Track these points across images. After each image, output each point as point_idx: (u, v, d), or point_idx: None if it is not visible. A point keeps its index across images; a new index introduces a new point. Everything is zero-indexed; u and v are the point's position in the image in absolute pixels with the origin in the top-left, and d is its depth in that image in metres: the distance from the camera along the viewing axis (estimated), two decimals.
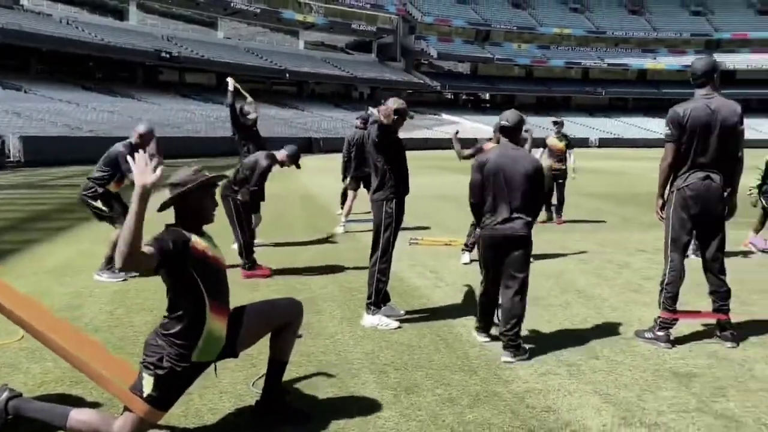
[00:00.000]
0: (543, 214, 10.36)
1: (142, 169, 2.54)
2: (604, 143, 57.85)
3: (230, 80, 7.55)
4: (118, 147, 6.20)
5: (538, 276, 6.52)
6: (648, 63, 74.17)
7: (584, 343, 4.44)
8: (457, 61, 74.46)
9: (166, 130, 36.83)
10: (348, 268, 6.69)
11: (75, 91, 43.18)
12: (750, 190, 7.93)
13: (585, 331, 4.71)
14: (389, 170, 4.70)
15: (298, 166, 6.70)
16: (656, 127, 66.53)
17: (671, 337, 4.44)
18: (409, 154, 5.06)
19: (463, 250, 7.23)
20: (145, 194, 2.52)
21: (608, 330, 4.76)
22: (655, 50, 74.68)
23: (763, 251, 7.90)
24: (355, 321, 4.84)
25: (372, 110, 4.85)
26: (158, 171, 2.55)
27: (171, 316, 2.79)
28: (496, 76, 74.58)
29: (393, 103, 4.75)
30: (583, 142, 57.51)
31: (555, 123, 10.49)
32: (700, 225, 4.45)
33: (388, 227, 4.69)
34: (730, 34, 74.02)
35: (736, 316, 4.98)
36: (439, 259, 7.38)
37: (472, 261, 6.83)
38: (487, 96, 78.23)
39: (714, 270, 4.49)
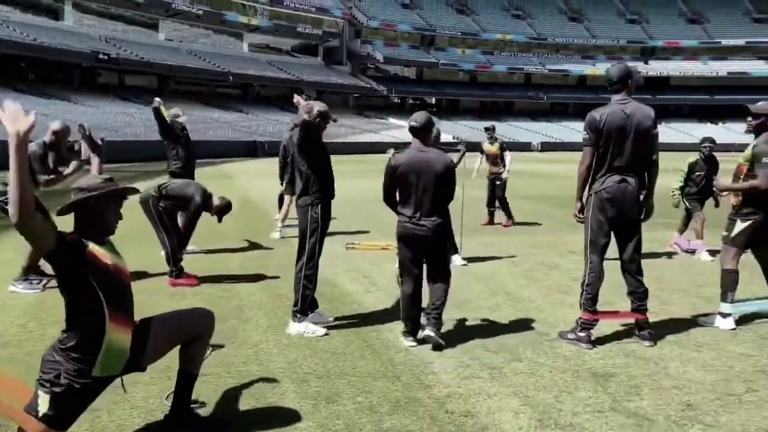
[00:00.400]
0: (485, 217, 10.52)
1: (13, 115, 2.37)
2: (546, 147, 59.23)
3: None
4: (32, 146, 5.93)
5: (470, 279, 6.60)
6: (587, 69, 76.31)
7: (509, 345, 4.49)
8: (403, 65, 74.96)
9: (105, 133, 35.71)
10: (279, 275, 6.57)
11: (5, 92, 41.38)
12: (673, 191, 8.23)
13: (511, 334, 4.76)
14: (313, 174, 4.65)
15: (219, 220, 6.58)
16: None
17: (592, 338, 4.54)
18: (356, 157, 5.08)
19: None
20: (21, 144, 2.37)
21: (533, 332, 4.83)
22: (594, 57, 76.95)
23: (686, 252, 8.20)
24: (281, 329, 4.75)
25: (297, 98, 4.74)
26: (31, 116, 2.39)
27: (68, 330, 2.66)
28: (441, 80, 75.44)
29: (316, 106, 4.71)
30: (526, 146, 58.81)
31: (486, 129, 10.75)
32: (617, 227, 4.57)
33: (313, 232, 4.63)
34: (663, 42, 77.05)
35: (655, 316, 5.15)
36: (375, 263, 7.36)
37: None
38: (433, 100, 79.03)
39: (631, 271, 4.61)
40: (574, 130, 64.56)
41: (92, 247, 2.65)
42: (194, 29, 65.44)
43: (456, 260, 7.37)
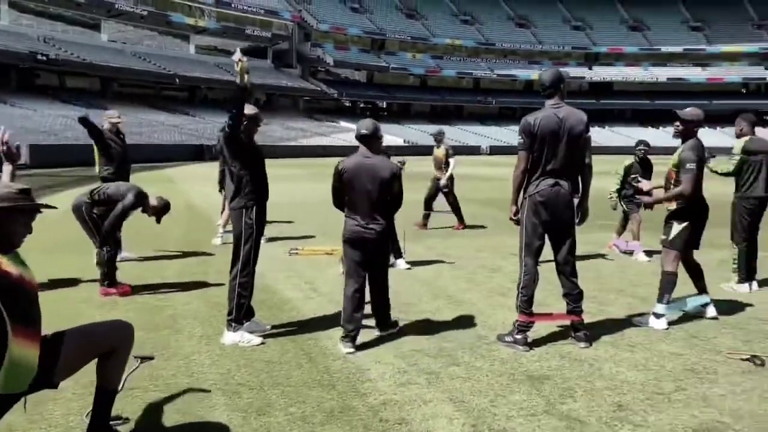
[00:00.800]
0: (421, 219, 10.55)
1: None
2: (495, 150, 60.12)
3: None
4: None
5: (412, 282, 6.58)
6: (534, 74, 77.85)
7: (448, 349, 4.47)
8: (354, 69, 74.97)
9: (43, 137, 34.51)
10: (218, 283, 6.38)
11: None
12: (610, 194, 8.42)
13: (450, 338, 4.74)
14: (246, 176, 4.52)
15: (158, 221, 6.38)
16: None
17: (529, 340, 4.56)
18: (307, 161, 4.98)
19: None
20: None
21: (472, 335, 4.82)
22: (540, 62, 78.61)
23: (624, 252, 8.39)
24: (216, 339, 4.61)
25: (238, 54, 4.42)
26: None
27: None
28: (391, 84, 75.78)
29: (246, 109, 4.60)
30: (475, 150, 59.61)
31: (434, 135, 10.82)
32: (552, 230, 4.62)
33: (248, 238, 4.51)
34: (606, 48, 79.42)
35: (592, 316, 5.23)
36: (318, 269, 7.26)
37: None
38: (384, 104, 79.29)
39: (566, 273, 4.67)
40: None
41: None
42: (139, 30, 63.88)
43: (400, 264, 7.36)
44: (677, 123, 5.15)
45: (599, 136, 69.39)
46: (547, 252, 4.71)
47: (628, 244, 8.34)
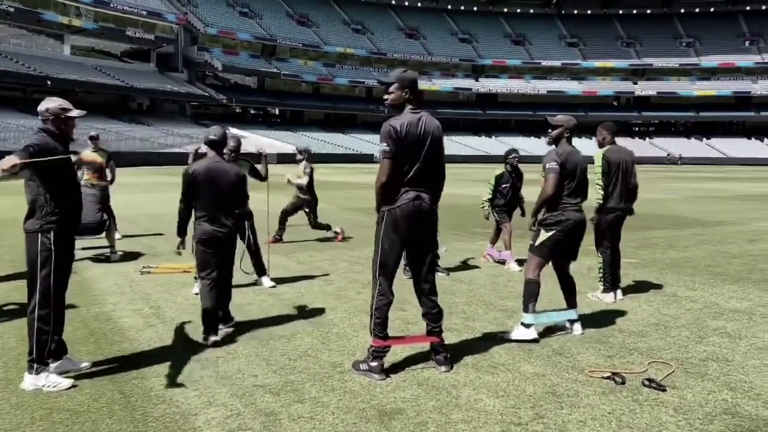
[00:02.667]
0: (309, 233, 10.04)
1: None
2: None
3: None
4: None
5: (273, 302, 6.05)
6: (424, 84, 79.53)
7: (294, 383, 3.98)
8: (244, 74, 73.25)
9: None
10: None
11: None
12: (482, 203, 8.30)
13: (300, 368, 4.26)
14: (47, 191, 3.81)
15: None
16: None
17: (385, 366, 4.16)
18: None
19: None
20: None
21: (326, 363, 4.36)
22: (430, 73, 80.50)
23: (497, 262, 8.29)
24: (17, 383, 3.85)
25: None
26: None
27: None
28: (284, 91, 74.72)
29: (49, 102, 3.90)
30: (369, 158, 59.77)
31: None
32: (412, 247, 4.26)
33: (45, 263, 3.78)
34: (491, 61, 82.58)
35: (458, 335, 4.95)
36: (168, 290, 6.54)
37: None
38: (277, 111, 78.01)
39: (425, 291, 4.33)
40: None
41: None
42: (9, 29, 58.92)
43: (264, 282, 6.80)
44: (549, 129, 5.05)
45: (486, 145, 72.00)
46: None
47: (500, 254, 8.25)
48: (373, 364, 4.12)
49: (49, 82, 52.88)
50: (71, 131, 4.00)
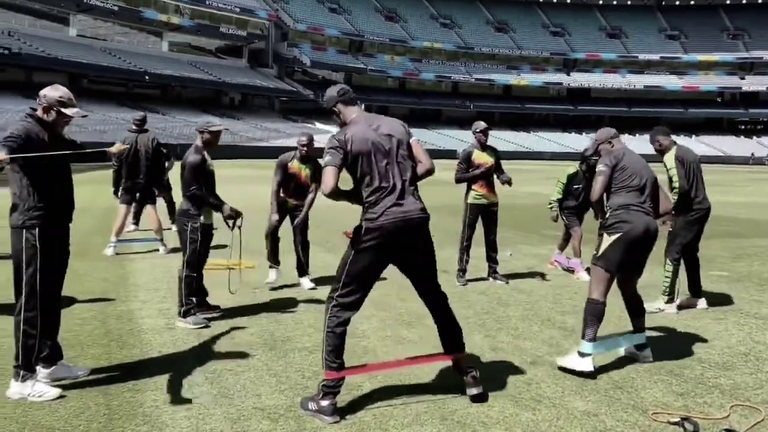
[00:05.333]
0: None
1: None
2: None
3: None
4: None
5: (308, 309, 5.58)
6: (512, 79, 77.53)
7: (299, 408, 3.49)
8: (331, 70, 73.92)
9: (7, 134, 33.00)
10: (70, 306, 5.35)
11: None
12: (550, 203, 7.53)
13: (311, 389, 3.74)
14: (33, 185, 3.50)
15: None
16: (522, 140, 69.60)
17: (336, 405, 3.41)
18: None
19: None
20: None
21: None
22: (519, 67, 78.27)
23: (566, 270, 7.49)
24: (3, 390, 3.58)
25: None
26: None
27: None
28: (369, 86, 74.79)
29: (51, 90, 3.58)
30: (452, 154, 58.81)
31: None
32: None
33: (31, 261, 3.47)
34: (584, 55, 79.21)
35: (501, 354, 4.32)
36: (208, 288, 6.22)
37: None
38: (362, 106, 78.28)
39: (441, 307, 3.76)
40: (499, 139, 65.43)
41: None
42: (110, 26, 62.35)
43: (304, 283, 6.42)
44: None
45: (576, 142, 69.17)
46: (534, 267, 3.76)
47: (569, 262, 7.45)
48: (324, 403, 3.37)
49: (147, 77, 55.47)
50: (62, 127, 3.63)
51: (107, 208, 10.79)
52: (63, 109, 3.57)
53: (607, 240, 4.24)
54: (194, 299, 5.02)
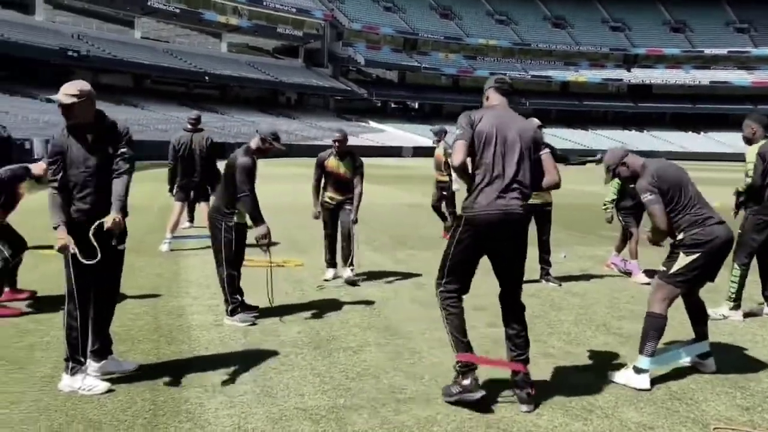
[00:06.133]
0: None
1: None
2: None
3: None
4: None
5: (354, 308, 5.52)
6: (570, 76, 75.88)
7: (341, 409, 3.43)
8: (385, 68, 74.17)
9: None
10: (127, 303, 5.47)
11: None
12: (605, 204, 7.27)
13: (354, 390, 3.70)
14: (65, 186, 3.52)
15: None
16: (579, 138, 67.98)
17: (478, 381, 3.48)
18: None
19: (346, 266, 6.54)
20: None
21: (385, 387, 3.77)
22: (578, 63, 76.51)
23: (623, 273, 7.21)
24: (54, 383, 3.66)
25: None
26: None
27: None
28: (423, 84, 74.67)
29: (72, 87, 3.54)
30: None
31: (433, 130, 9.83)
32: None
33: (67, 260, 3.53)
34: (645, 50, 76.73)
35: (552, 362, 4.16)
36: (255, 286, 6.25)
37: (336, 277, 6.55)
38: (416, 104, 78.27)
39: (515, 314, 3.65)
40: (555, 137, 64.20)
41: None
42: (172, 28, 64.29)
43: (344, 273, 6.39)
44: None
45: (636, 140, 67.10)
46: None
47: (627, 264, 7.16)
48: (466, 382, 3.49)
49: (206, 78, 56.89)
50: (67, 118, 3.54)
51: (164, 206, 11.05)
52: (52, 97, 3.54)
53: (685, 259, 3.93)
54: (239, 297, 5.03)
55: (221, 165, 8.56)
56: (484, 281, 4.02)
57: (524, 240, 3.61)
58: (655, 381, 3.93)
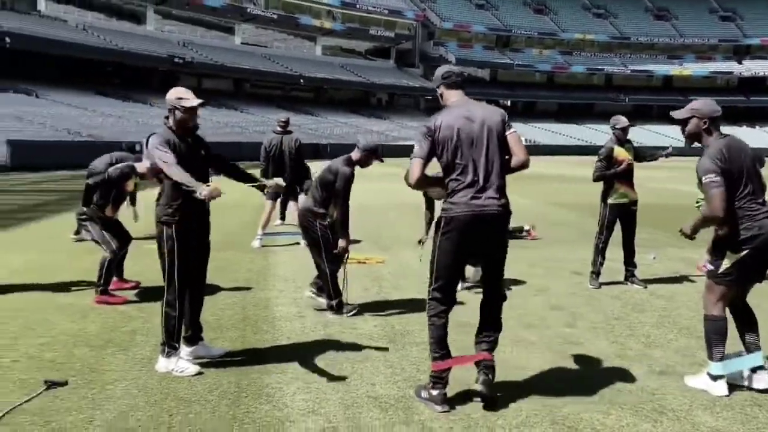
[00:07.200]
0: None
1: None
2: None
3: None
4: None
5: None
6: (674, 70, 72.12)
7: (410, 399, 3.58)
8: (477, 67, 73.44)
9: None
10: (221, 294, 5.87)
11: (88, 96, 43.38)
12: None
13: (423, 382, 3.84)
14: (172, 185, 3.85)
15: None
16: (682, 135, 64.42)
17: (446, 395, 3.52)
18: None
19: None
20: None
21: (453, 380, 3.88)
22: (682, 57, 72.59)
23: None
24: (152, 364, 4.04)
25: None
26: None
27: None
28: (516, 82, 73.36)
29: (169, 93, 3.94)
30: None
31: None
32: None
33: (169, 252, 3.87)
34: (759, 40, 71.55)
35: (627, 363, 4.12)
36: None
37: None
38: (508, 102, 77.06)
39: (491, 307, 3.70)
40: (658, 134, 61.23)
41: None
42: (271, 33, 66.69)
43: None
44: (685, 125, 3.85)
45: (750, 136, 62.75)
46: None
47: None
48: (434, 392, 3.51)
49: (301, 81, 58.69)
50: (191, 122, 3.98)
51: (257, 205, 11.61)
52: (184, 103, 3.85)
53: (733, 257, 3.73)
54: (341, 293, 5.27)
55: (313, 166, 8.92)
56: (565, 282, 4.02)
57: (504, 237, 3.59)
58: (736, 385, 3.81)
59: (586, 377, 3.97)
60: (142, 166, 5.30)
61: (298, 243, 8.72)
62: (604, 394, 3.67)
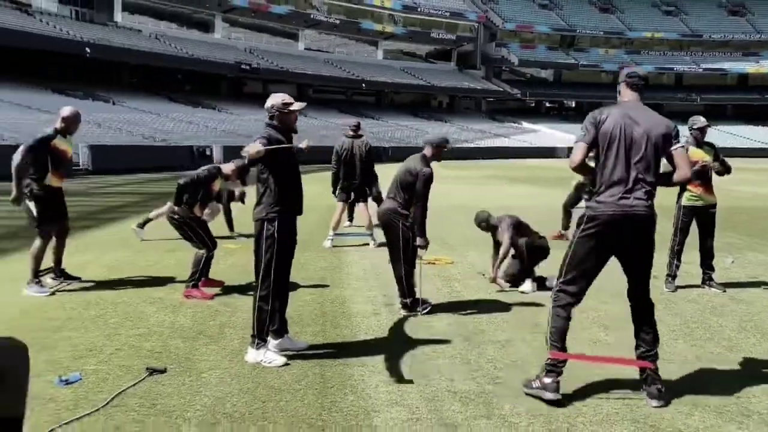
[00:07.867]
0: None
1: None
2: None
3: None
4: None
5: (504, 306, 5.70)
6: (749, 67, 68.94)
7: (489, 395, 3.67)
8: (540, 67, 72.35)
9: (242, 140, 37.86)
10: (298, 290, 6.11)
11: (161, 102, 45.23)
12: None
13: (501, 379, 3.91)
14: (275, 183, 4.11)
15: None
16: (760, 136, 61.62)
17: (559, 384, 3.57)
18: (483, 163, 4.50)
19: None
20: None
21: (522, 377, 3.95)
22: (758, 53, 69.29)
23: None
24: (241, 355, 4.28)
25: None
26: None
27: None
28: (581, 82, 71.71)
29: (273, 99, 4.18)
30: None
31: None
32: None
33: (268, 249, 4.11)
34: None
35: (708, 365, 4.09)
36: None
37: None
38: (573, 103, 75.47)
39: (645, 313, 3.68)
40: (732, 135, 58.74)
41: None
42: (332, 38, 67.63)
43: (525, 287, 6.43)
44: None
45: None
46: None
47: None
48: (547, 380, 3.59)
49: (363, 85, 59.27)
50: (293, 124, 4.27)
51: (328, 206, 11.90)
52: (291, 107, 4.16)
53: None
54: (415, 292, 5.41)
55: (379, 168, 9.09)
56: None
57: (651, 239, 3.59)
58: None
59: (665, 378, 3.95)
60: (227, 168, 5.59)
61: (367, 244, 8.93)
62: (686, 395, 3.66)
